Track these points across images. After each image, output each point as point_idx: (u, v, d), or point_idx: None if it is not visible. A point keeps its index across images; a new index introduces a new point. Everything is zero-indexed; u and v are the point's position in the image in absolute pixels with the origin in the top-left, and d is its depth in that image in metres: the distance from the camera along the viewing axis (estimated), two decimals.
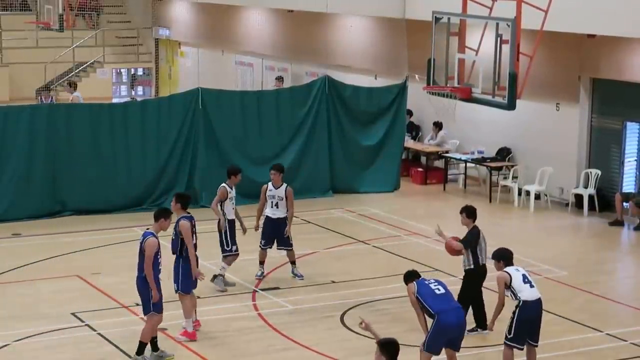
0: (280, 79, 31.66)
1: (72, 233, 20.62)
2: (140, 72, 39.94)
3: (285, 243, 17.53)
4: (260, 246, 17.61)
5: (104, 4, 40.50)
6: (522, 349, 12.98)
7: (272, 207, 17.40)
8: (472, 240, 14.93)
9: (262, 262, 17.72)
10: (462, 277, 15.24)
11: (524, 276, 12.98)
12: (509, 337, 12.91)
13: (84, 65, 38.23)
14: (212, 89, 23.99)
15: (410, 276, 13.09)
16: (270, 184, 17.48)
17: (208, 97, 23.26)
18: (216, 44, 35.52)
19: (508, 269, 13.09)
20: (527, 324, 12.88)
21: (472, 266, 14.94)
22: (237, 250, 16.94)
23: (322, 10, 26.68)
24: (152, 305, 13.67)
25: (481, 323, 15.00)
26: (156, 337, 13.98)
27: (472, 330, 14.84)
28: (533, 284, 12.97)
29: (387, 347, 9.69)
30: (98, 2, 40.26)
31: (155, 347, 13.97)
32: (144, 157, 22.74)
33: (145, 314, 13.82)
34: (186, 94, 23.64)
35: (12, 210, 21.64)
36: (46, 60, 36.40)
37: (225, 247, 16.85)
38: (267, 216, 17.47)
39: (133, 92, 39.39)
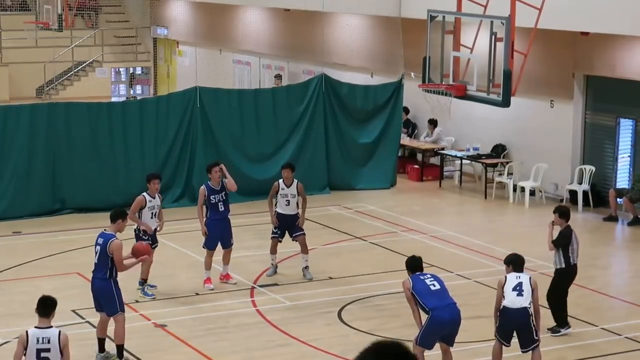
0: (279, 77, 31.83)
1: (72, 231, 20.76)
2: (138, 71, 40.02)
3: (297, 230, 17.58)
4: (271, 236, 17.68)
5: (103, 3, 40.53)
6: (507, 346, 13.17)
7: (283, 205, 17.49)
8: (562, 241, 14.90)
9: (273, 253, 17.75)
10: (552, 276, 15.21)
11: (519, 284, 13.01)
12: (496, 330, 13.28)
13: (83, 65, 38.34)
14: (210, 87, 24.11)
15: (413, 265, 13.08)
16: (281, 182, 17.54)
17: (206, 96, 23.40)
18: (214, 43, 35.63)
19: (510, 274, 13.21)
20: (508, 328, 13.07)
21: (562, 265, 14.96)
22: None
23: (318, 9, 26.84)
24: (118, 305, 13.68)
25: (562, 322, 15.11)
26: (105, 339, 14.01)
27: (554, 330, 15.01)
28: (523, 293, 12.95)
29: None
30: (97, 2, 40.34)
31: (102, 349, 13.97)
32: (142, 155, 22.89)
33: (111, 314, 13.72)
34: (184, 92, 23.78)
35: (12, 208, 21.81)
36: (45, 59, 36.51)
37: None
38: (277, 212, 17.57)
39: (132, 91, 39.49)
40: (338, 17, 29.51)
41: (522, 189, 23.76)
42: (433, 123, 26.71)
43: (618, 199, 22.10)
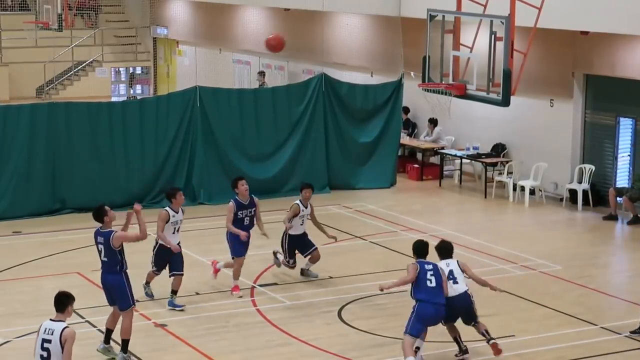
0: (262, 74, 31.70)
1: (72, 230, 20.72)
2: (138, 70, 40.02)
3: (309, 245, 17.45)
4: (284, 262, 17.46)
5: (103, 3, 40.54)
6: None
7: (298, 225, 17.24)
8: None
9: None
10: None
11: (450, 272, 13.56)
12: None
13: (83, 64, 38.34)
14: (210, 87, 24.11)
15: (420, 249, 13.67)
16: (300, 203, 17.21)
17: (206, 95, 23.39)
18: (214, 43, 35.63)
19: (440, 262, 13.73)
20: (453, 313, 13.63)
21: None
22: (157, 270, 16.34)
23: (318, 9, 26.85)
24: (130, 299, 13.77)
25: None
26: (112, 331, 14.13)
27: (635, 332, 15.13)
28: (458, 280, 13.53)
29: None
30: (96, 2, 40.37)
31: (108, 340, 14.07)
32: (142, 155, 22.88)
33: (124, 309, 13.77)
34: (184, 92, 23.77)
35: (12, 208, 21.79)
36: (45, 59, 36.52)
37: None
38: (291, 235, 17.23)
39: (132, 91, 39.49)
40: (338, 16, 29.52)
41: (522, 188, 23.76)
42: (433, 122, 26.71)
43: (618, 198, 22.12)
